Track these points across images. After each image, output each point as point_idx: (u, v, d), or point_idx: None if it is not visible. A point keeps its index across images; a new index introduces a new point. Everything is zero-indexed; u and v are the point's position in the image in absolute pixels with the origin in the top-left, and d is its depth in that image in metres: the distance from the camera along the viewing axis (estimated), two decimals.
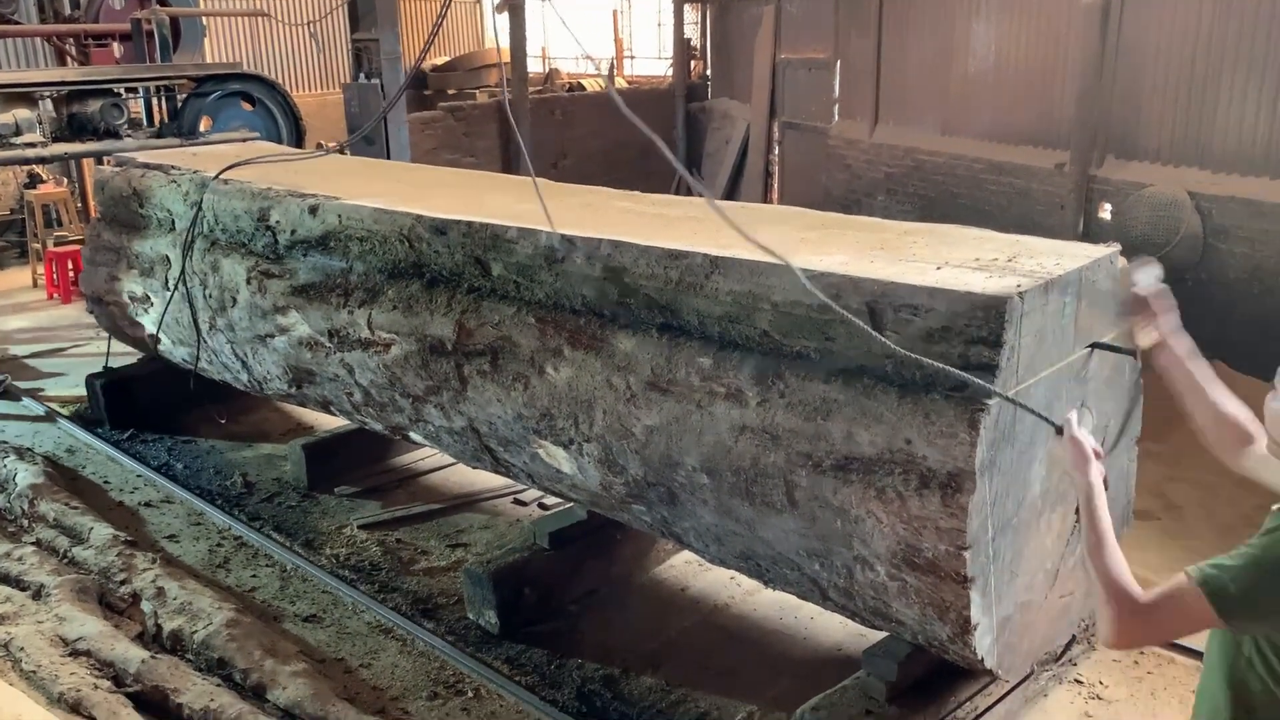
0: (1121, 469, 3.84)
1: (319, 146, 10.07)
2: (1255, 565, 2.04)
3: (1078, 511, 3.52)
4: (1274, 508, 2.18)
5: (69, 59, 11.58)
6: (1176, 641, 4.31)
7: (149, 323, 6.31)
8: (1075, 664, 4.13)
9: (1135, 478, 3.98)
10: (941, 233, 3.87)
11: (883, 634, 3.68)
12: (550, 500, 5.48)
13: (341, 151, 8.43)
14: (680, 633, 4.55)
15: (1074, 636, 4.00)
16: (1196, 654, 4.28)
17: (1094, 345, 3.42)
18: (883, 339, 2.91)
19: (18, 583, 4.78)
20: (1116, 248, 3.52)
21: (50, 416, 7.15)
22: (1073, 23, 9.06)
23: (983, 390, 2.88)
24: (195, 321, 5.83)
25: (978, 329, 2.97)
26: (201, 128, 9.29)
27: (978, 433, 2.94)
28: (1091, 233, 8.73)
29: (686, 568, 5.00)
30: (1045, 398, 3.22)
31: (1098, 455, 2.51)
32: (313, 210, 5.08)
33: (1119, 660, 4.25)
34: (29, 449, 6.38)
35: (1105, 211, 8.80)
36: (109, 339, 7.13)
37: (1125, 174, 8.65)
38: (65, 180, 12.53)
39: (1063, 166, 9.16)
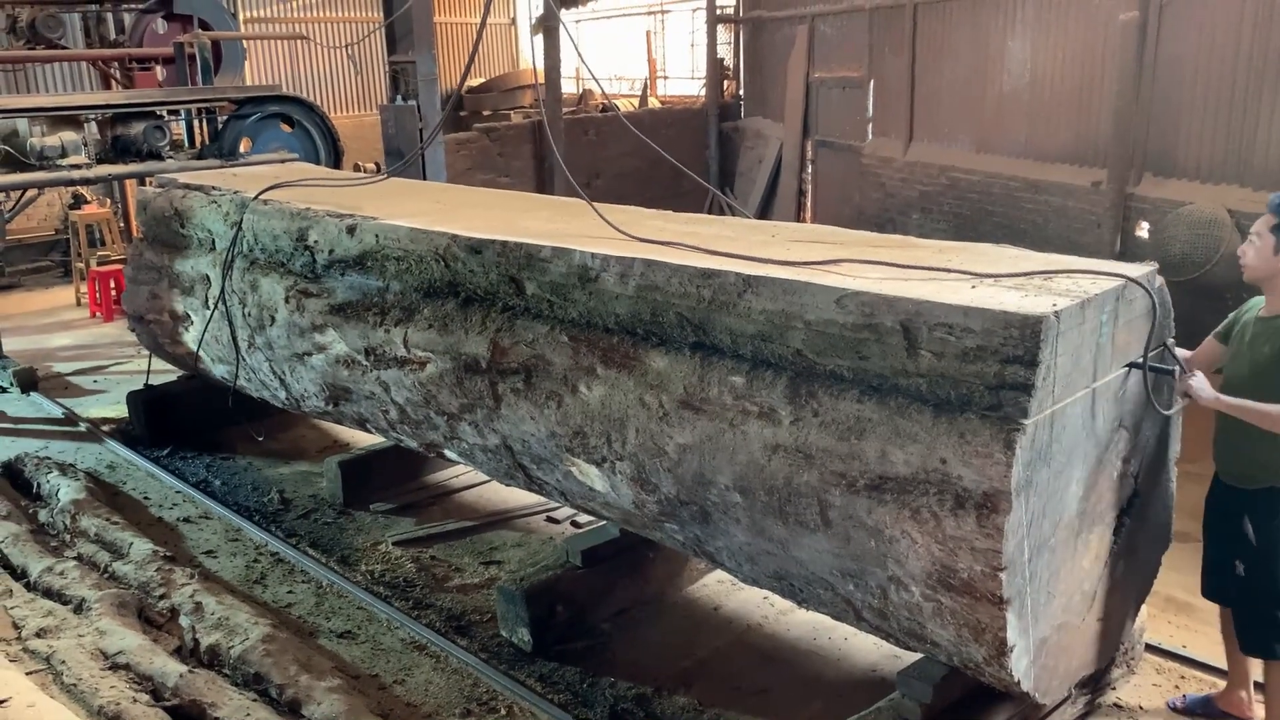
0: (1161, 489, 3.80)
1: (356, 167, 10.22)
2: None
3: (1116, 533, 3.49)
4: None
5: (113, 82, 11.81)
6: (1218, 666, 4.25)
7: (189, 341, 6.41)
8: (1114, 688, 4.07)
9: (1175, 498, 3.92)
10: (977, 251, 3.85)
11: (918, 656, 3.65)
12: (583, 518, 5.49)
13: (378, 173, 8.53)
14: (713, 652, 4.53)
15: (1113, 659, 3.94)
16: None
17: (1132, 365, 3.39)
18: None
19: (60, 597, 4.86)
20: (1154, 266, 3.49)
21: (92, 433, 7.27)
22: (1109, 39, 9.01)
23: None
24: (234, 339, 5.91)
25: (1013, 348, 2.95)
26: (241, 149, 9.44)
27: (1013, 453, 2.92)
28: (1129, 251, 8.65)
29: (719, 587, 4.98)
30: (1082, 417, 3.19)
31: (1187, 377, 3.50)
32: (350, 230, 5.15)
33: (1159, 685, 4.19)
34: (71, 465, 6.48)
35: (1143, 230, 8.71)
36: (150, 357, 7.24)
37: (1163, 192, 8.57)
38: (108, 201, 12.78)
39: (1099, 184, 9.08)
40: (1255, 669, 4.34)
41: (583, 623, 4.64)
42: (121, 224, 12.26)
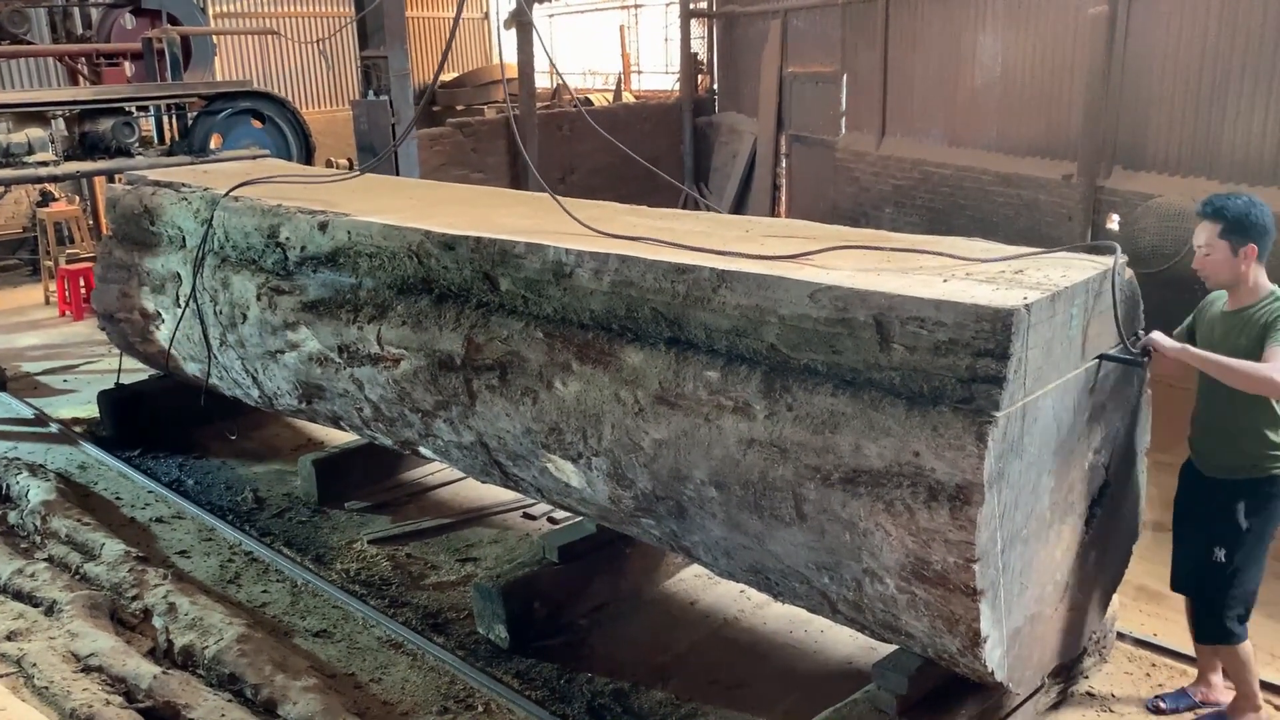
0: (1131, 480, 3.84)
1: (328, 163, 10.15)
2: None
3: (1088, 523, 3.52)
4: None
5: (81, 78, 11.68)
6: (1189, 654, 4.30)
7: (160, 339, 6.35)
8: (1087, 676, 4.11)
9: (1145, 489, 3.96)
10: (949, 245, 3.88)
11: (893, 647, 3.67)
12: (560, 514, 5.49)
13: (351, 168, 8.48)
14: (690, 646, 4.55)
15: (1085, 649, 3.98)
16: None
17: (1102, 356, 3.42)
18: None
19: (30, 599, 4.81)
20: (1124, 258, 3.52)
21: (63, 433, 7.19)
22: (1079, 33, 9.08)
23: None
24: (206, 338, 5.86)
25: (985, 341, 2.97)
26: (212, 145, 9.36)
27: (986, 445, 2.94)
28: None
29: (696, 581, 5.00)
30: (1054, 409, 3.22)
31: (1152, 348, 3.51)
32: (322, 227, 5.11)
33: (1130, 673, 4.24)
34: (41, 466, 6.41)
35: (1113, 222, 8.79)
36: (120, 356, 7.18)
37: (1133, 185, 8.65)
38: (77, 198, 12.63)
39: (1070, 178, 9.16)
40: None
41: (560, 619, 4.64)
42: (90, 222, 12.13)
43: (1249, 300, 3.58)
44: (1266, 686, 4.06)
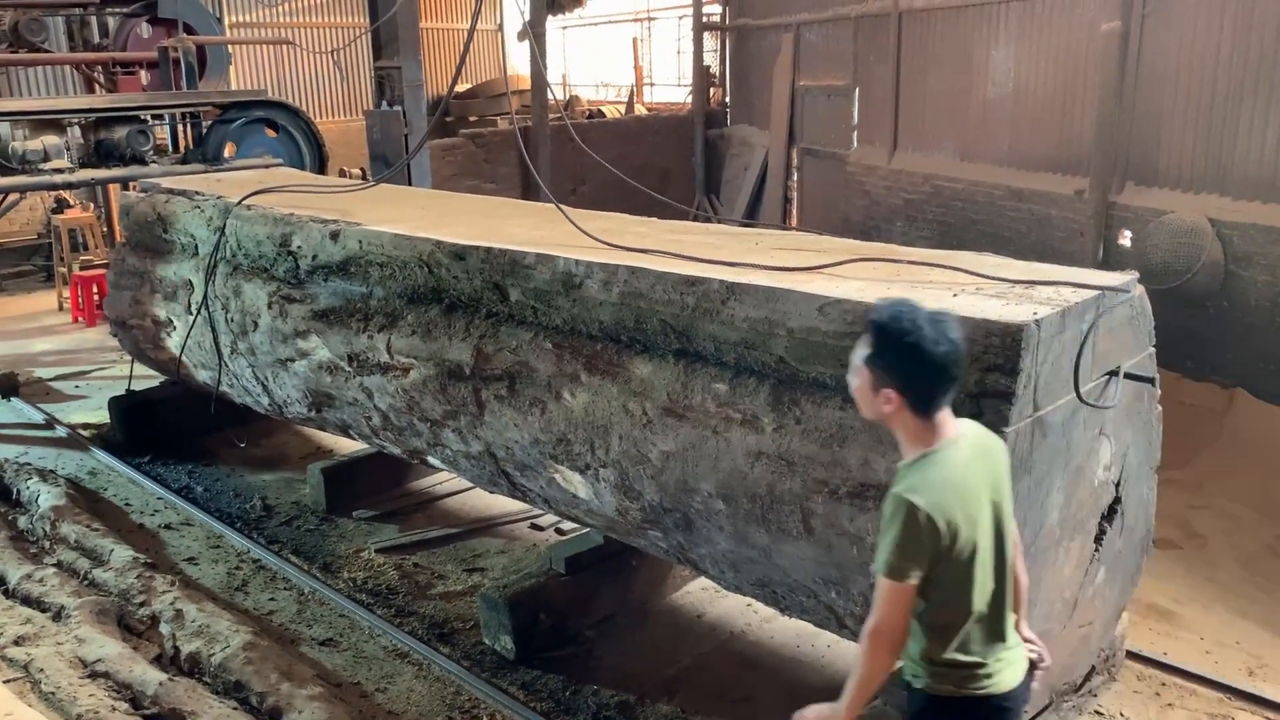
0: (1141, 497, 3.81)
1: (341, 173, 10.19)
2: (891, 532, 2.42)
3: (1097, 541, 3.50)
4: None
5: (97, 86, 11.75)
6: (1199, 673, 4.28)
7: (172, 346, 6.37)
8: (1095, 694, 4.08)
9: (1155, 506, 3.94)
10: (959, 259, 3.87)
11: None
12: (567, 525, 5.48)
13: (364, 178, 8.51)
14: (696, 660, 4.53)
15: (1094, 667, 3.95)
16: (1219, 685, 4.24)
17: (1112, 372, 3.41)
18: None
19: (39, 604, 4.82)
20: (1135, 275, 3.51)
21: (73, 439, 7.22)
22: (1092, 49, 9.07)
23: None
24: (217, 345, 5.88)
25: (995, 356, 2.97)
26: (226, 154, 9.39)
27: None
28: (1111, 260, 8.70)
29: (702, 594, 4.98)
30: (1063, 425, 3.21)
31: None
32: (334, 236, 5.13)
33: (1140, 692, 4.21)
34: (52, 471, 6.43)
35: (1125, 239, 8.76)
36: (132, 362, 7.20)
37: (1145, 201, 8.62)
38: (91, 205, 12.70)
39: (1082, 193, 9.14)
40: (1242, 677, 4.37)
41: (566, 630, 4.63)
42: (104, 229, 12.19)
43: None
44: (1255, 699, 4.04)
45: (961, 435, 2.53)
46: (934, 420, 2.49)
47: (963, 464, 2.48)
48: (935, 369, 2.43)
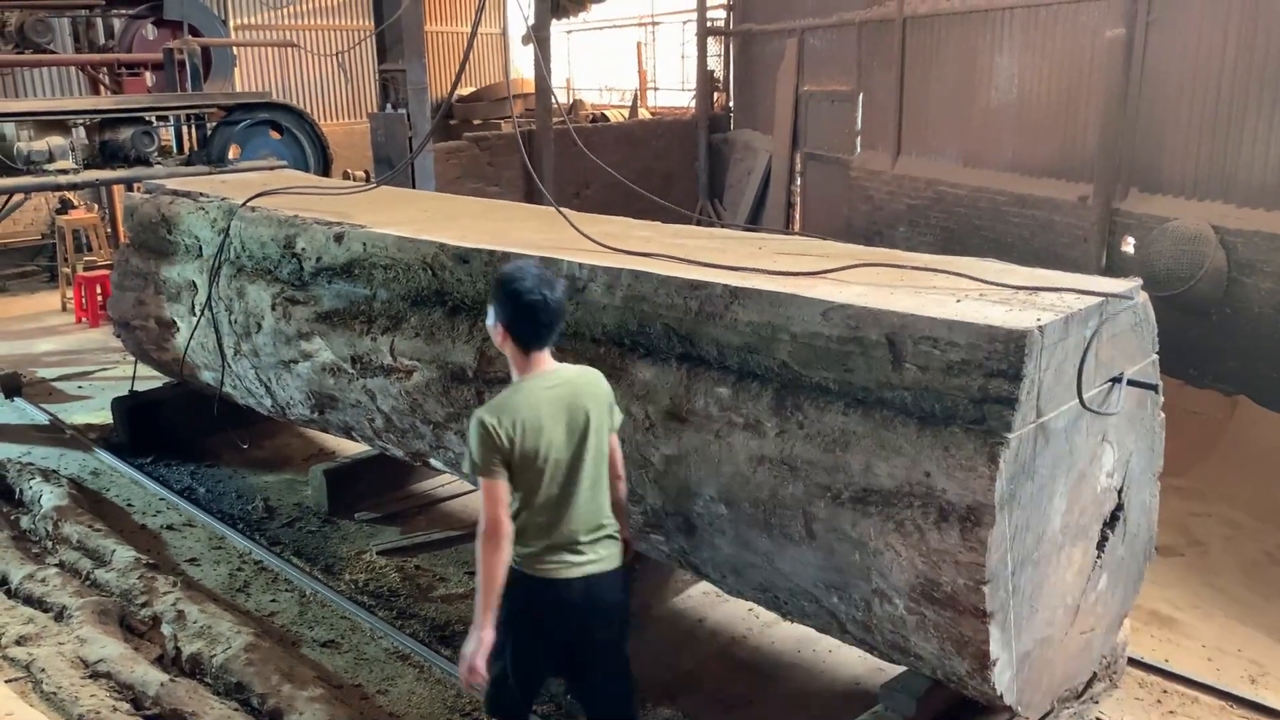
0: (1144, 503, 3.81)
1: (345, 175, 10.20)
2: (471, 443, 3.06)
3: (1099, 547, 3.50)
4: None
5: (102, 88, 11.78)
6: (1201, 680, 4.28)
7: (175, 347, 6.38)
8: (1097, 701, 4.07)
9: (1157, 512, 3.94)
10: (962, 265, 3.88)
11: (901, 669, 3.65)
12: None
13: (367, 181, 8.52)
14: (697, 664, 4.53)
15: (1095, 674, 3.95)
16: (1220, 693, 4.24)
17: (1115, 379, 3.41)
18: None
19: (40, 604, 4.82)
20: (1138, 281, 3.51)
21: (76, 439, 7.23)
22: (1096, 56, 9.08)
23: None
24: (220, 347, 5.89)
25: (997, 362, 2.97)
26: (230, 156, 9.41)
27: (997, 466, 2.93)
28: (1115, 266, 8.70)
29: (704, 599, 4.98)
30: (1066, 431, 3.21)
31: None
32: (338, 238, 5.14)
33: (1141, 699, 4.20)
34: (55, 471, 6.44)
35: (1128, 245, 8.76)
36: (135, 363, 7.21)
37: (1149, 207, 8.62)
38: (96, 206, 12.72)
39: (1086, 199, 9.14)
40: (1244, 684, 4.37)
41: None
42: (108, 229, 12.21)
43: None
44: (1256, 707, 4.04)
45: (555, 373, 3.18)
46: (531, 357, 3.15)
47: (542, 392, 3.11)
48: (529, 313, 3.08)
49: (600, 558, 3.20)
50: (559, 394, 3.14)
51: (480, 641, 3.03)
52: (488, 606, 3.02)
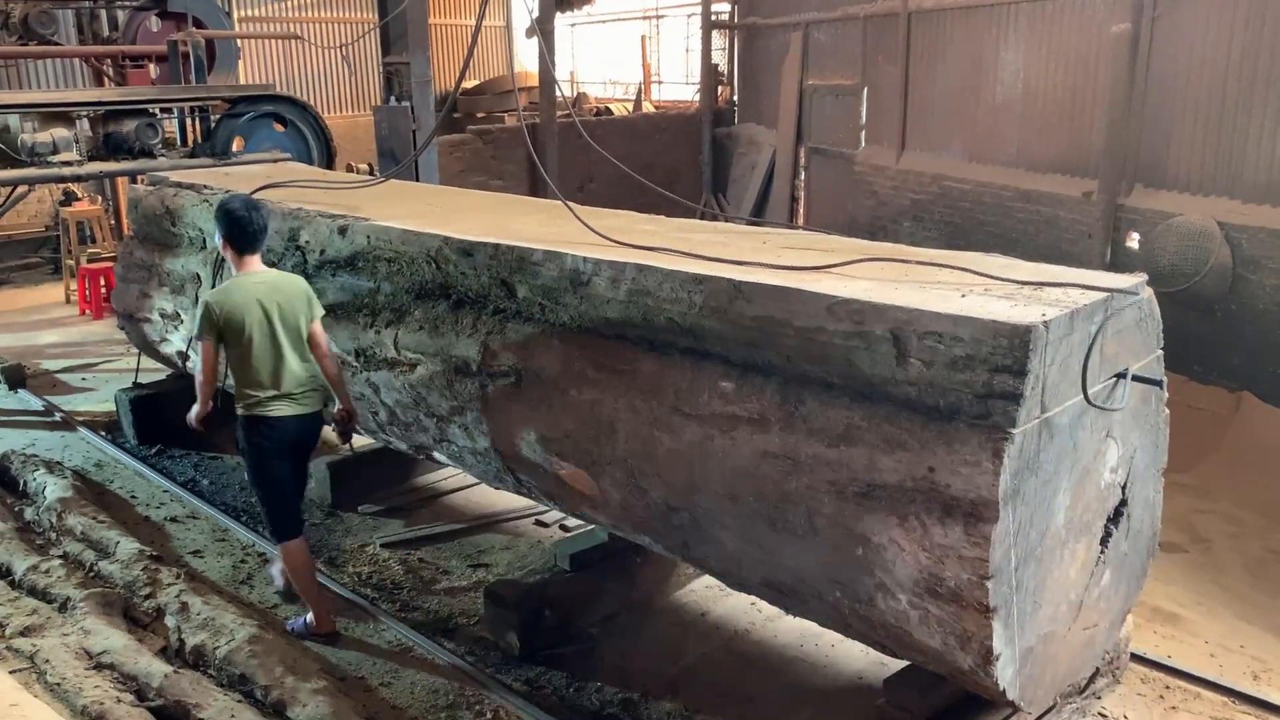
0: (1147, 499, 3.81)
1: (349, 168, 10.20)
2: (198, 315, 4.43)
3: (1103, 543, 3.50)
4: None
5: (106, 80, 11.78)
6: (1203, 677, 4.28)
7: (178, 339, 6.38)
8: (1099, 697, 4.08)
9: (1161, 509, 3.93)
10: (967, 260, 3.87)
11: (904, 663, 3.65)
12: (572, 522, 5.48)
13: (371, 174, 8.52)
14: (700, 658, 4.53)
15: (1098, 669, 3.95)
16: (1223, 689, 4.24)
17: (1120, 375, 3.40)
18: None
19: (45, 595, 4.83)
20: (1143, 277, 3.50)
21: (79, 431, 7.23)
22: (1101, 51, 9.05)
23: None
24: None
25: (1002, 357, 2.96)
26: (234, 148, 9.42)
27: (1001, 461, 2.93)
28: (1119, 262, 8.68)
29: (707, 593, 4.98)
30: (1071, 426, 3.21)
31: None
32: (342, 231, 5.14)
33: (1144, 694, 4.20)
34: (58, 463, 6.45)
35: (1133, 241, 8.74)
36: (139, 355, 7.22)
37: (1154, 203, 8.60)
38: (99, 198, 12.74)
39: (1091, 195, 9.12)
40: (1246, 680, 4.37)
41: (570, 627, 4.64)
42: (112, 221, 12.23)
43: None
44: (1259, 703, 4.04)
45: (262, 273, 4.50)
46: (244, 259, 4.47)
47: (251, 286, 4.40)
48: (239, 226, 4.42)
49: (306, 406, 4.52)
50: (263, 289, 4.40)
51: (196, 413, 4.56)
52: (204, 400, 4.52)
